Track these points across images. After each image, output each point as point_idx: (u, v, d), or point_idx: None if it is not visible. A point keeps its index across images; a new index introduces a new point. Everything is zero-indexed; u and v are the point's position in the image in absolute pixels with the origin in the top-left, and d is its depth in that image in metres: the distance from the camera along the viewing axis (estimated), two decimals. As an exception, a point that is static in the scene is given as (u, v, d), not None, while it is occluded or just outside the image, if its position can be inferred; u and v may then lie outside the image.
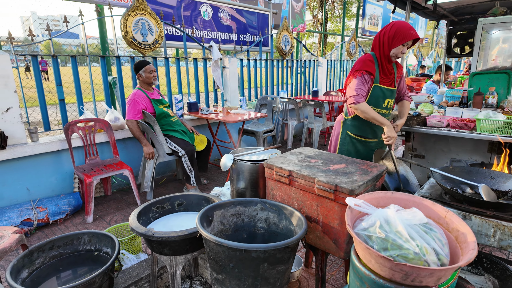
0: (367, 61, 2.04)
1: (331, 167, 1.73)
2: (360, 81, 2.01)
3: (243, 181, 2.09)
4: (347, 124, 2.24)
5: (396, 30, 1.96)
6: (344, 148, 2.26)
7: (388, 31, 1.99)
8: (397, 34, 1.94)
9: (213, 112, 4.05)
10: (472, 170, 1.70)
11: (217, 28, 5.16)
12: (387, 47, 2.00)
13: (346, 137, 2.25)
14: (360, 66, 2.03)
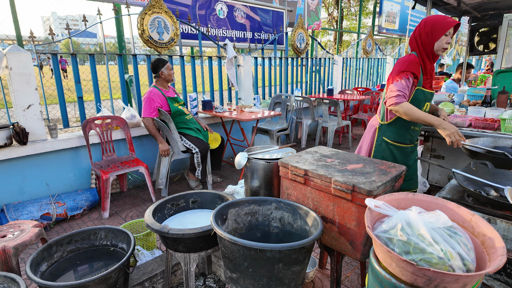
0: (414, 62, 1.89)
1: (348, 167, 1.69)
2: (405, 83, 1.86)
3: (257, 179, 2.07)
4: (384, 130, 2.08)
5: (432, 23, 1.85)
6: (379, 155, 2.11)
7: (423, 28, 1.88)
8: (435, 26, 1.84)
9: (227, 110, 4.06)
10: (496, 172, 1.63)
11: (232, 27, 5.16)
12: (429, 43, 1.87)
13: (382, 143, 2.09)
14: (406, 67, 1.87)
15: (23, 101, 2.76)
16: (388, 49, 17.51)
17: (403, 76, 1.87)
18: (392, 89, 1.88)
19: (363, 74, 7.84)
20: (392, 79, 1.92)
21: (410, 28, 11.68)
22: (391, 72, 1.96)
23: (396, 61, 1.99)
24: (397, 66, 1.93)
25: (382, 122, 2.09)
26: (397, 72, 1.90)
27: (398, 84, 1.87)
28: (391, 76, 1.95)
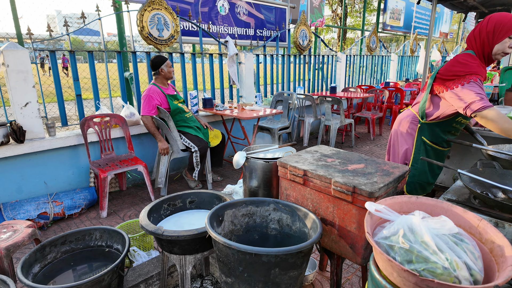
0: (479, 64, 1.73)
1: (349, 167, 1.63)
2: (479, 86, 1.67)
3: (256, 179, 2.02)
4: (424, 129, 1.94)
5: (496, 23, 1.69)
6: (417, 158, 1.98)
7: (485, 27, 1.72)
8: (498, 26, 1.68)
9: (228, 109, 4.00)
10: (504, 173, 1.56)
11: (233, 24, 5.09)
12: (488, 45, 1.72)
13: (422, 144, 1.97)
14: (476, 70, 1.69)
15: (20, 99, 2.73)
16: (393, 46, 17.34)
17: (472, 79, 1.68)
18: (469, 94, 1.65)
19: (367, 72, 7.74)
20: (458, 82, 1.70)
21: (415, 25, 11.53)
22: (448, 70, 1.76)
23: (452, 60, 1.82)
24: (462, 66, 1.72)
25: (423, 121, 1.94)
26: (465, 74, 1.69)
27: (474, 87, 1.66)
28: (453, 76, 1.73)
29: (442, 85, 1.80)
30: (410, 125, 2.01)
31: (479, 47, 1.76)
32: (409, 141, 2.03)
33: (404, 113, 2.07)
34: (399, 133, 2.07)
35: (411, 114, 2.01)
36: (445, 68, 1.81)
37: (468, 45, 1.84)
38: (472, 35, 1.79)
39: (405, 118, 2.05)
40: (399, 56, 8.84)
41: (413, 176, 2.04)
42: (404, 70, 9.30)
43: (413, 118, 2.00)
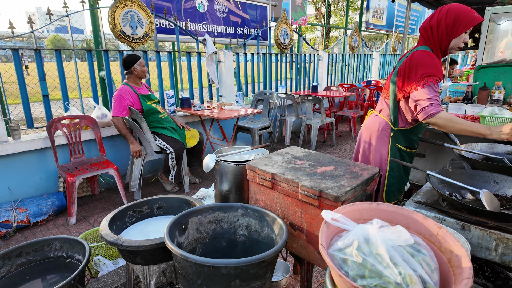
0: (438, 64, 1.63)
1: (318, 170, 1.58)
2: (434, 89, 1.60)
3: (226, 183, 1.95)
4: (398, 136, 1.84)
5: (456, 15, 1.57)
6: (395, 165, 1.89)
7: (444, 18, 1.60)
8: (459, 19, 1.57)
9: (206, 108, 3.91)
10: (474, 173, 1.54)
11: (213, 21, 4.99)
12: (446, 39, 1.62)
13: (396, 152, 1.87)
14: (433, 71, 1.59)
15: (-21, 100, 2.57)
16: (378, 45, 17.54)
17: (430, 82, 1.59)
18: (422, 97, 1.58)
19: (350, 71, 7.77)
20: (415, 85, 1.61)
21: (397, 23, 11.68)
22: (405, 72, 1.66)
23: (410, 59, 1.68)
24: (418, 68, 1.62)
25: (395, 128, 1.84)
26: (421, 76, 1.60)
27: (428, 91, 1.58)
28: (407, 78, 1.65)
29: (403, 90, 1.70)
30: (382, 133, 1.88)
31: (436, 41, 1.65)
32: (383, 150, 1.90)
33: (374, 121, 1.93)
34: (371, 142, 1.94)
35: (382, 121, 1.88)
36: (402, 71, 1.69)
37: (423, 37, 1.70)
38: (429, 26, 1.66)
39: (375, 126, 1.92)
40: (381, 55, 8.93)
41: (392, 185, 1.95)
42: (387, 68, 9.39)
43: (384, 125, 1.87)
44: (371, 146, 1.94)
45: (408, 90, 1.67)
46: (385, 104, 1.89)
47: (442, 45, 1.65)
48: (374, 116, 1.97)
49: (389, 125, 1.86)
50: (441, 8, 1.63)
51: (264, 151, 2.09)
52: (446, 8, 1.61)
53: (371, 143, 1.94)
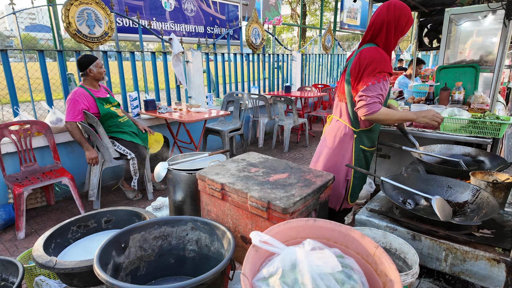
0: (388, 59, 1.62)
1: (271, 178, 1.50)
2: (383, 86, 1.61)
3: (180, 193, 1.83)
4: (361, 137, 1.81)
5: (404, 14, 1.58)
6: (359, 166, 1.86)
7: (402, 15, 1.58)
8: (408, 17, 1.60)
9: (172, 111, 3.76)
10: (428, 178, 1.50)
11: (181, 20, 4.83)
12: (399, 35, 1.63)
13: (360, 153, 1.84)
14: (383, 67, 1.59)
15: None
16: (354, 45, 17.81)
17: (381, 78, 1.59)
18: (368, 94, 1.58)
19: (324, 71, 7.79)
20: (366, 81, 1.60)
21: (370, 24, 11.86)
22: (358, 71, 1.63)
23: (359, 58, 1.65)
24: (368, 64, 1.59)
25: (357, 129, 1.80)
26: (372, 72, 1.58)
27: (374, 88, 1.58)
28: (360, 76, 1.62)
29: (357, 89, 1.67)
30: (345, 137, 1.83)
31: (387, 37, 1.62)
32: (347, 154, 1.85)
33: (335, 126, 1.89)
34: (334, 147, 1.87)
35: (343, 126, 1.84)
36: (354, 71, 1.66)
37: (372, 35, 1.66)
38: (386, 22, 1.60)
39: (337, 131, 1.86)
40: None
41: (356, 186, 1.93)
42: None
43: (346, 130, 1.82)
44: (334, 152, 1.88)
45: (359, 88, 1.65)
46: (343, 108, 1.84)
47: (395, 42, 1.65)
48: (336, 122, 1.92)
49: (350, 128, 1.82)
50: (389, 5, 1.59)
51: (222, 157, 1.99)
52: (393, 7, 1.58)
53: (335, 148, 1.88)
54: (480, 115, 2.07)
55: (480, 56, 2.83)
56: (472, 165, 1.75)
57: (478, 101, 2.44)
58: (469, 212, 1.30)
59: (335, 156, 1.88)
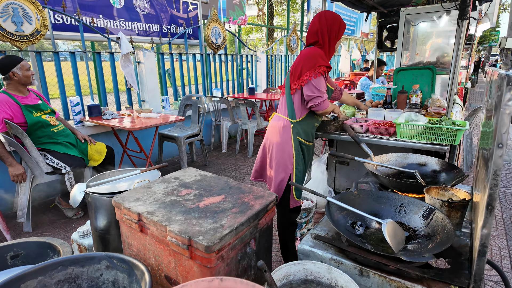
0: (324, 56, 1.78)
1: (202, 203, 1.27)
2: (323, 81, 1.77)
3: (102, 220, 1.55)
4: (297, 128, 1.86)
5: (338, 21, 1.77)
6: (300, 158, 1.88)
7: (335, 23, 1.76)
8: (339, 25, 1.77)
9: (119, 116, 3.42)
10: (380, 195, 1.34)
11: (132, 18, 4.46)
12: (334, 43, 1.80)
13: (298, 145, 1.87)
14: (322, 62, 1.72)
15: None
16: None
17: (321, 72, 1.72)
18: (318, 88, 1.72)
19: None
20: (309, 74, 1.71)
21: (336, 25, 11.96)
22: (301, 67, 1.74)
23: (299, 57, 1.81)
24: (307, 60, 1.73)
25: (294, 120, 1.85)
26: (313, 66, 1.71)
27: (320, 82, 1.73)
28: (300, 71, 1.74)
29: (296, 83, 1.77)
30: (284, 130, 1.85)
31: (326, 41, 1.77)
32: (288, 146, 1.86)
33: (275, 121, 1.91)
34: (275, 142, 1.88)
35: (282, 119, 1.88)
36: (294, 68, 1.79)
37: (314, 39, 1.80)
38: (320, 31, 1.75)
39: (277, 125, 1.88)
40: (321, 55, 9.00)
41: (299, 179, 1.91)
42: (327, 68, 9.52)
43: (285, 122, 1.86)
44: (276, 146, 1.88)
45: (300, 83, 1.74)
46: (283, 101, 1.91)
47: (331, 48, 1.81)
48: (275, 117, 1.96)
49: (288, 120, 1.86)
50: (320, 16, 1.77)
51: (155, 174, 1.73)
52: (330, 15, 1.76)
53: (276, 143, 1.88)
54: (436, 120, 1.96)
55: (437, 57, 2.77)
56: (429, 176, 1.62)
57: (435, 104, 2.36)
58: (423, 237, 1.14)
59: (277, 150, 1.87)
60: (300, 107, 1.83)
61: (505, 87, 0.71)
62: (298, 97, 1.81)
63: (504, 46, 10.56)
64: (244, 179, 3.76)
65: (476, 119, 6.66)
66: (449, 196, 1.30)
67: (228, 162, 4.44)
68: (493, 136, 0.75)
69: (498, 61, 18.96)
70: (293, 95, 1.81)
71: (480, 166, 1.19)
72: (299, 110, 1.84)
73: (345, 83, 7.92)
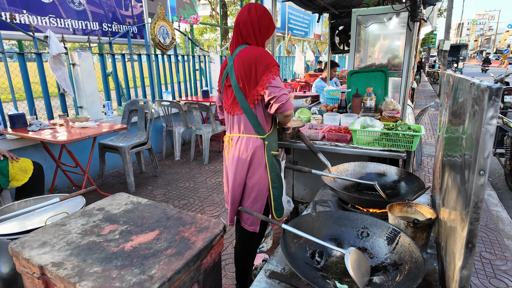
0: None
1: (129, 244, 1.01)
2: (280, 80, 1.55)
3: (5, 266, 1.22)
4: (270, 142, 1.65)
5: (263, 14, 1.55)
6: (275, 174, 1.68)
7: (254, 15, 1.53)
8: (267, 19, 1.57)
9: (49, 127, 2.97)
10: (341, 216, 1.19)
11: (66, 15, 3.96)
12: (260, 37, 1.58)
13: (272, 160, 1.67)
14: (272, 60, 1.53)
15: None
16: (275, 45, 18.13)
17: (276, 72, 1.52)
18: (279, 92, 1.49)
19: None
20: (266, 78, 1.49)
21: (290, 26, 12.11)
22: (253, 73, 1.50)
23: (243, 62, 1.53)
24: (257, 63, 1.49)
25: (265, 136, 1.63)
26: (267, 68, 1.50)
27: (278, 83, 1.51)
28: (255, 76, 1.50)
29: (255, 92, 1.52)
30: (256, 150, 1.62)
31: (254, 39, 1.56)
32: (262, 167, 1.66)
33: (242, 144, 1.64)
34: (247, 166, 1.64)
35: (250, 139, 1.62)
36: (243, 77, 1.52)
37: (242, 36, 1.57)
38: (243, 24, 1.54)
39: (246, 147, 1.63)
40: (277, 57, 8.99)
41: (277, 198, 1.74)
42: (282, 70, 9.55)
43: (257, 143, 1.61)
44: (249, 170, 1.66)
45: (260, 91, 1.51)
46: (242, 120, 1.62)
47: (260, 41, 1.58)
48: (240, 138, 1.65)
49: (258, 138, 1.62)
50: (250, 6, 1.55)
51: (78, 202, 1.42)
52: (261, 9, 1.56)
53: (248, 166, 1.65)
54: (392, 125, 1.90)
55: (388, 59, 2.76)
56: (389, 186, 1.52)
57: (389, 108, 2.32)
58: (389, 266, 1.00)
59: (256, 175, 1.64)
60: (265, 119, 1.62)
61: (486, 102, 0.57)
62: (261, 109, 1.58)
63: (442, 48, 11.47)
64: (199, 190, 3.50)
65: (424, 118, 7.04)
66: (412, 212, 1.19)
67: (181, 171, 4.13)
68: (473, 161, 0.62)
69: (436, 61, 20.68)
70: (254, 108, 1.57)
71: (446, 178, 1.09)
72: (265, 122, 1.63)
73: (300, 84, 7.96)
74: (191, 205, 3.13)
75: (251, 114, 1.57)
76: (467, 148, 0.70)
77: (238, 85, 1.55)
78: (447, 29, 11.87)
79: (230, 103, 1.63)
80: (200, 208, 3.06)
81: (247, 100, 1.55)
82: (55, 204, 1.40)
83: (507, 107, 7.43)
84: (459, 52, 19.09)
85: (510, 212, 3.14)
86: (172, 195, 3.36)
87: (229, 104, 1.64)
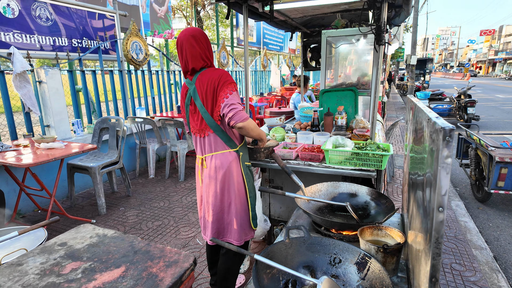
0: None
1: (91, 284, 0.95)
2: (238, 95, 1.65)
3: (-48, 313, 1.11)
4: (243, 153, 1.76)
5: (205, 35, 1.68)
6: (251, 185, 1.78)
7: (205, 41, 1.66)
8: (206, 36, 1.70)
9: (12, 149, 2.80)
10: (313, 242, 1.19)
11: (32, 30, 3.81)
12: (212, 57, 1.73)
13: (247, 170, 1.77)
14: (231, 78, 1.65)
15: None
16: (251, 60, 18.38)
17: (235, 88, 1.63)
18: (234, 102, 1.57)
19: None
20: (224, 93, 1.59)
21: (265, 41, 12.34)
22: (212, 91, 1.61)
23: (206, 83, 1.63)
24: (224, 76, 1.62)
25: (238, 148, 1.73)
26: (225, 84, 1.60)
27: (235, 98, 1.60)
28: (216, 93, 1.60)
29: (217, 109, 1.61)
30: (231, 165, 1.71)
31: (211, 59, 1.70)
32: (238, 178, 1.75)
33: (217, 162, 1.71)
34: (222, 183, 1.72)
35: (224, 155, 1.70)
36: (207, 97, 1.62)
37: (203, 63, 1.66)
38: (206, 52, 1.66)
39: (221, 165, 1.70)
40: (253, 71, 9.10)
41: (254, 207, 1.83)
42: (259, 83, 9.67)
43: (229, 156, 1.70)
44: (228, 184, 1.73)
45: (219, 107, 1.60)
46: (213, 139, 1.70)
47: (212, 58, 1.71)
48: (214, 157, 1.71)
49: (232, 152, 1.71)
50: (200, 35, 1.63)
51: (39, 236, 1.33)
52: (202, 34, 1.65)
53: (227, 181, 1.72)
54: (362, 144, 1.95)
55: (357, 78, 2.86)
56: (360, 207, 1.54)
57: (359, 126, 2.38)
58: (361, 293, 1.00)
59: (235, 187, 1.73)
60: (233, 132, 1.71)
61: (441, 142, 0.59)
62: (226, 124, 1.66)
63: (409, 63, 12.10)
64: (174, 210, 3.40)
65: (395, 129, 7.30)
66: (382, 236, 1.22)
67: (156, 190, 4.01)
68: (431, 199, 0.63)
69: (405, 75, 21.73)
70: (222, 125, 1.66)
71: (412, 202, 1.12)
72: (234, 135, 1.72)
73: (276, 98, 8.08)
74: (165, 226, 3.03)
75: (220, 131, 1.66)
76: (427, 184, 0.73)
77: (204, 107, 1.63)
78: (413, 45, 12.57)
79: (198, 126, 1.70)
80: (175, 229, 2.97)
81: (213, 119, 1.63)
82: (13, 238, 1.30)
83: (470, 119, 7.91)
84: (426, 66, 20.18)
85: (477, 221, 3.29)
86: (146, 216, 3.25)
87: (198, 127, 1.70)
